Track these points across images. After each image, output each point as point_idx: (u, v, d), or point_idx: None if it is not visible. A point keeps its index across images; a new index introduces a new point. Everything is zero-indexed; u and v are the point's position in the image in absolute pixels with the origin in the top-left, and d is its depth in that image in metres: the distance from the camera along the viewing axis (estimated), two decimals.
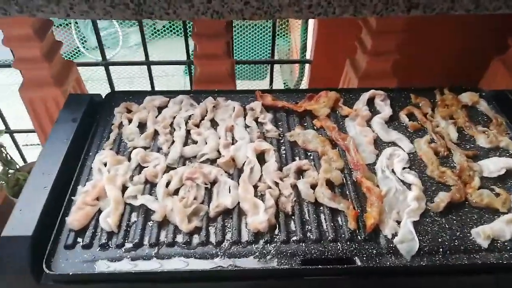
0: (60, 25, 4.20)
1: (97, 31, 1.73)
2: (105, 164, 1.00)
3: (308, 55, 2.07)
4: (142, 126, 1.13)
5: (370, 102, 1.21)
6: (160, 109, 1.19)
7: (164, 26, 4.59)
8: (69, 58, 4.38)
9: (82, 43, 4.59)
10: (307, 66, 2.13)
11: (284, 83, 3.72)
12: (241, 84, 3.83)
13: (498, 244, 0.85)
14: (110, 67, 1.89)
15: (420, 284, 0.85)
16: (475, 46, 1.86)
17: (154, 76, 1.93)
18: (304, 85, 2.45)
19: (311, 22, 2.08)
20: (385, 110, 1.17)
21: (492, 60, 1.66)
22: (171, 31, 4.59)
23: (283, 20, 3.84)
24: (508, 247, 0.84)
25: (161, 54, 4.16)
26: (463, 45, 1.89)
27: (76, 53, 4.57)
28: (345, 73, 1.71)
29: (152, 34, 4.64)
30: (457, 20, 1.79)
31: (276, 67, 3.89)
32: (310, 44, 2.06)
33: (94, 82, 3.51)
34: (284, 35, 4.00)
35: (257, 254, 0.83)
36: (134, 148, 1.06)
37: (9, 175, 1.68)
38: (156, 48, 4.43)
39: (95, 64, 1.96)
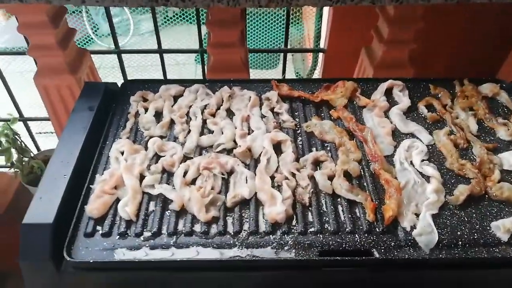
0: (73, 12, 4.20)
1: (110, 18, 1.72)
2: (122, 153, 1.00)
3: (322, 44, 2.04)
4: (158, 115, 1.13)
5: (388, 93, 1.19)
6: (175, 98, 1.19)
7: (175, 14, 4.56)
8: (81, 45, 4.38)
9: (94, 31, 4.58)
10: (320, 55, 2.11)
11: (296, 73, 3.69)
12: (252, 73, 3.80)
13: None
14: (122, 55, 1.89)
15: (439, 277, 0.85)
16: (493, 35, 1.82)
17: (165, 65, 1.92)
18: (317, 74, 2.43)
19: (326, 10, 2.05)
20: (404, 100, 1.15)
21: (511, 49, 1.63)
22: (183, 18, 4.57)
23: (296, 8, 3.79)
24: None
25: (172, 42, 4.15)
26: (480, 35, 1.85)
27: (88, 40, 4.57)
28: (360, 62, 1.69)
29: (164, 22, 4.62)
30: (475, 8, 1.75)
31: (288, 55, 3.86)
32: (324, 32, 2.03)
33: (106, 70, 3.52)
34: (297, 23, 3.95)
35: (274, 244, 0.83)
36: (151, 137, 1.06)
37: (23, 163, 1.70)
38: (167, 35, 4.41)
39: (108, 52, 1.96)
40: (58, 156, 0.97)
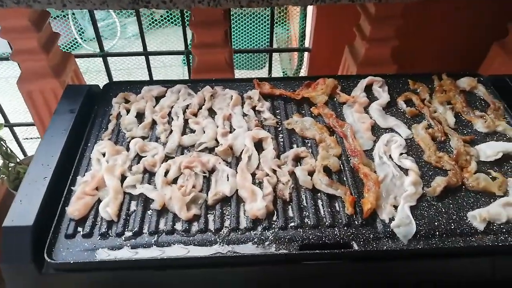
0: (58, 16, 4.19)
1: (94, 22, 1.72)
2: (104, 154, 1.01)
3: (307, 43, 2.06)
4: (140, 116, 1.13)
5: (368, 89, 1.21)
6: (158, 99, 1.19)
7: (162, 16, 4.57)
8: (67, 49, 4.36)
9: (80, 34, 4.57)
10: (306, 54, 2.12)
11: (283, 72, 3.70)
12: (240, 74, 3.82)
13: (494, 227, 0.86)
14: (108, 58, 1.89)
15: (417, 267, 0.86)
16: (474, 31, 1.85)
17: (152, 67, 1.93)
18: (303, 73, 2.44)
19: (310, 9, 2.06)
20: (383, 96, 1.17)
21: (491, 45, 1.65)
22: (168, 20, 4.57)
23: (281, 8, 3.81)
24: (504, 230, 0.85)
25: (159, 44, 4.15)
26: (462, 30, 1.88)
27: (74, 44, 4.55)
28: (344, 61, 1.71)
29: (150, 24, 4.62)
30: (456, 4, 1.78)
31: (275, 55, 3.87)
32: (308, 32, 2.05)
33: (93, 74, 3.51)
34: (282, 23, 3.97)
35: (255, 240, 0.84)
36: (132, 138, 1.06)
37: (9, 169, 1.69)
38: (154, 38, 4.42)
39: (94, 56, 1.96)
40: (38, 159, 0.97)
